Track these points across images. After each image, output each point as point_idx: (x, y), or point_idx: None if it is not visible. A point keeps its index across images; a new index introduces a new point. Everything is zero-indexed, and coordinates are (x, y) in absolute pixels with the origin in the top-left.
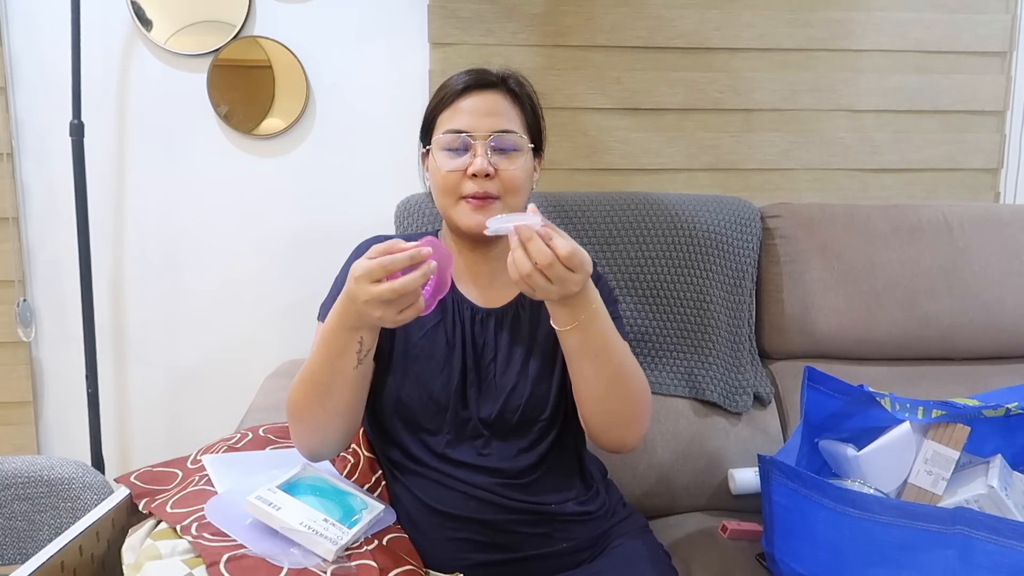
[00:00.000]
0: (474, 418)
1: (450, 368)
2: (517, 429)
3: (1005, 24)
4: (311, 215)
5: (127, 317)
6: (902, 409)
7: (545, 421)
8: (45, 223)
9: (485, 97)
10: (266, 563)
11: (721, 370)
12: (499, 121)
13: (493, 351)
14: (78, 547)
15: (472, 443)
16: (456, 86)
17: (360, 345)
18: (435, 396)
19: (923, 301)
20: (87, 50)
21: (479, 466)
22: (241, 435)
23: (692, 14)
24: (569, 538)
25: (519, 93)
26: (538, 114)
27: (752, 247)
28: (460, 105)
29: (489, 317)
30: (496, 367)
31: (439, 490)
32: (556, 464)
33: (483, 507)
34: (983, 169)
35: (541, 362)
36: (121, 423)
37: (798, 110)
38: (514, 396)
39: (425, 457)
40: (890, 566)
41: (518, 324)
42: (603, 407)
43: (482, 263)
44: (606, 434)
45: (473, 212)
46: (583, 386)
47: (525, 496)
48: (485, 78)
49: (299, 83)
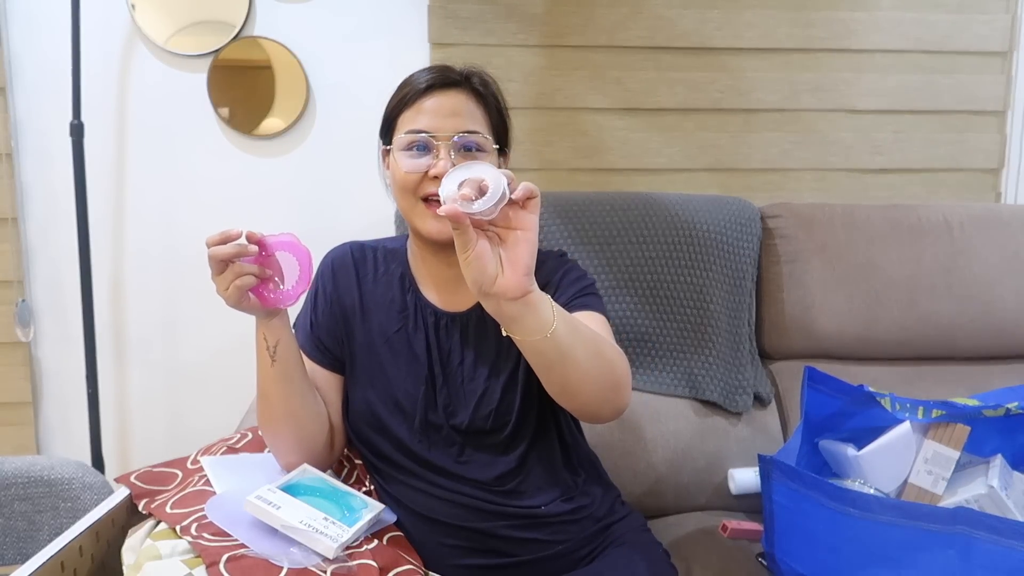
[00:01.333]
0: (445, 425)
1: (415, 374)
2: (491, 434)
3: (1006, 24)
4: (311, 215)
5: (127, 317)
6: (902, 409)
7: (517, 423)
8: (45, 223)
9: (448, 97)
10: (266, 563)
11: (721, 370)
12: (462, 122)
13: (460, 356)
14: (78, 547)
15: (447, 450)
16: (418, 85)
17: (266, 340)
18: (400, 402)
19: (923, 301)
20: (87, 50)
21: (458, 474)
22: (241, 435)
23: (692, 14)
24: (563, 539)
25: (483, 92)
26: (503, 113)
27: (752, 247)
28: (422, 105)
29: (454, 322)
30: (464, 372)
31: (424, 498)
32: (537, 464)
33: (469, 514)
34: (984, 169)
35: (509, 365)
36: (121, 423)
37: (799, 110)
38: (484, 403)
39: (407, 464)
40: (890, 566)
41: (483, 328)
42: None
43: (445, 268)
44: (581, 415)
45: (434, 218)
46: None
47: (510, 501)
48: (448, 77)
49: (299, 83)
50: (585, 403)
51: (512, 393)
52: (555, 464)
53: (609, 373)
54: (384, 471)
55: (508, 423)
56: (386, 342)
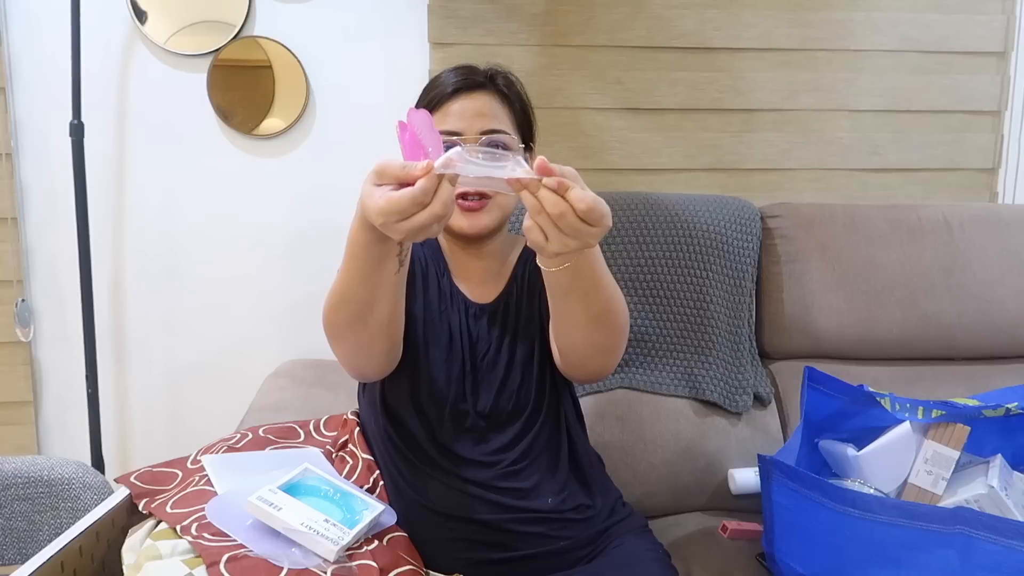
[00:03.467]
0: (471, 411)
1: (451, 360)
2: (511, 418)
3: (1003, 24)
4: (311, 215)
5: (127, 317)
6: (902, 409)
7: (533, 406)
8: (45, 223)
9: (474, 98)
10: (266, 563)
11: (721, 370)
12: (489, 121)
13: (487, 346)
14: (78, 547)
15: (469, 435)
16: (445, 88)
17: (400, 246)
18: (438, 383)
19: (923, 301)
20: (87, 50)
21: (477, 461)
22: (241, 435)
23: (692, 14)
24: (567, 536)
25: (508, 92)
26: (528, 112)
27: (752, 247)
28: (449, 107)
29: (482, 313)
30: (488, 361)
31: (438, 488)
32: (547, 457)
33: (480, 505)
34: (981, 169)
35: (525, 348)
36: (121, 423)
37: (798, 110)
38: (506, 386)
39: (427, 448)
40: (890, 566)
41: (507, 317)
42: (586, 340)
43: (475, 260)
44: (584, 366)
45: (464, 215)
46: (567, 321)
47: (521, 496)
48: (473, 79)
49: (299, 83)
50: (598, 343)
51: (529, 378)
52: (561, 455)
53: (626, 323)
54: (404, 456)
55: (527, 407)
56: (429, 321)
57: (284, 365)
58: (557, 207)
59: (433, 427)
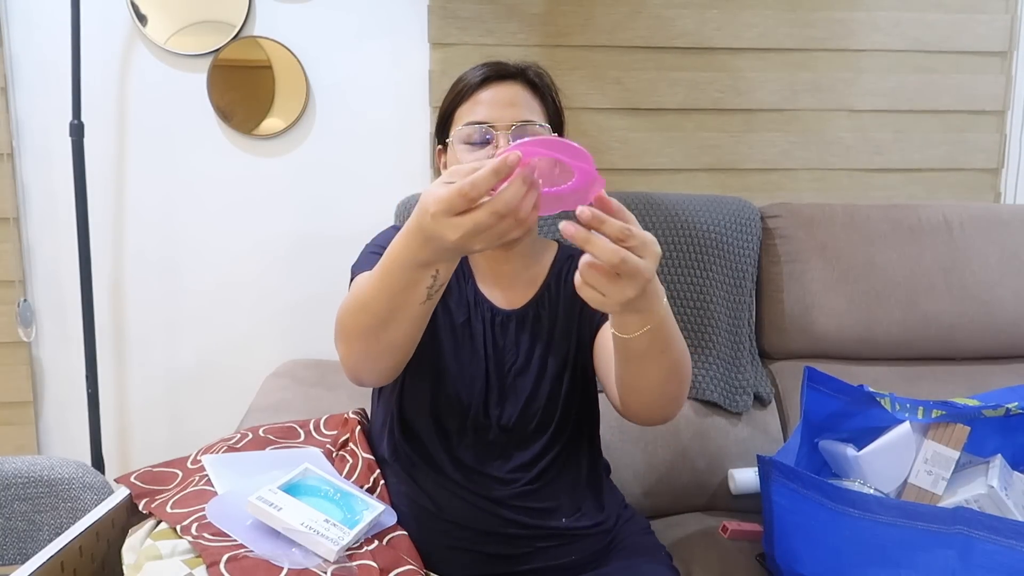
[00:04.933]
0: (494, 424)
1: (474, 370)
2: (535, 434)
3: (1005, 24)
4: (311, 215)
5: (127, 317)
6: (902, 409)
7: (559, 424)
8: (45, 223)
9: (505, 88)
10: (266, 563)
11: (721, 370)
12: (520, 111)
13: (514, 355)
14: (78, 547)
15: (489, 449)
16: (474, 79)
17: (434, 279)
18: (460, 396)
19: (923, 301)
20: (87, 50)
21: (494, 477)
22: (241, 435)
23: (692, 14)
24: (578, 551)
25: (539, 84)
26: (559, 106)
27: (752, 247)
28: (479, 97)
29: (510, 320)
30: (515, 371)
31: (450, 497)
32: (567, 477)
33: (492, 520)
34: (983, 169)
35: (558, 362)
36: (121, 423)
37: (798, 110)
38: (534, 400)
39: (442, 460)
40: (890, 566)
41: (538, 325)
42: (656, 393)
43: (504, 262)
44: (651, 417)
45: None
46: (639, 381)
47: (536, 515)
48: (504, 69)
49: (299, 83)
50: (672, 392)
51: (557, 394)
52: (581, 475)
53: (687, 353)
54: (416, 463)
55: (551, 423)
56: (452, 331)
57: (284, 365)
58: (616, 256)
59: (451, 440)
